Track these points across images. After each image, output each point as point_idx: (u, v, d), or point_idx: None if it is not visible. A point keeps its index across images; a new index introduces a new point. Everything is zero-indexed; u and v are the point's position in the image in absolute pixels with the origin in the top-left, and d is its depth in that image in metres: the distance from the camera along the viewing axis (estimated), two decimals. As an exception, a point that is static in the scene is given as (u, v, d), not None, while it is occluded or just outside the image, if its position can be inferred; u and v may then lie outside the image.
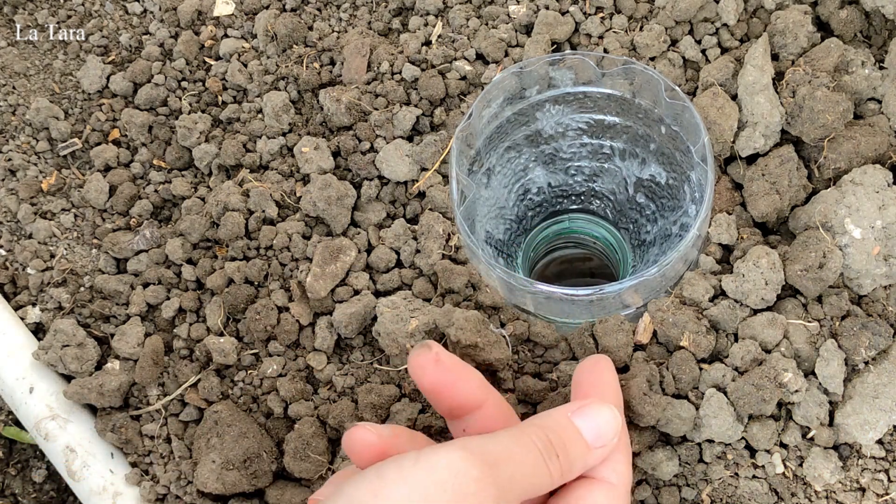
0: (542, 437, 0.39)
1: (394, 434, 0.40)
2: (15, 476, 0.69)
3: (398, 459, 0.35)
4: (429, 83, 0.61)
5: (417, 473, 0.34)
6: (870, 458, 0.51)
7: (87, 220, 0.65)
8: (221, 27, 0.69)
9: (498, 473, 0.36)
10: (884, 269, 0.52)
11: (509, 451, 0.37)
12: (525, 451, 0.38)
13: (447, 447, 0.35)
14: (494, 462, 0.36)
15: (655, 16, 0.62)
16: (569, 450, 0.39)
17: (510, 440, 0.38)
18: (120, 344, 0.58)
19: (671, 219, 0.58)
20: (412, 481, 0.34)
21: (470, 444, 0.36)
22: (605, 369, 0.45)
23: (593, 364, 0.45)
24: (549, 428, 0.39)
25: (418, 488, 0.34)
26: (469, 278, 0.54)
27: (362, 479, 0.35)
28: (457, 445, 0.36)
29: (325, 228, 0.59)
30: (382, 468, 0.35)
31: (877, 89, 0.57)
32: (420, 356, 0.40)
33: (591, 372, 0.45)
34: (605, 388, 0.44)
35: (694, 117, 0.51)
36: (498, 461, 0.36)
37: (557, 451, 0.39)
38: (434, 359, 0.40)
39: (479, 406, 0.42)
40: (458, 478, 0.34)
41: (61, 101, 0.69)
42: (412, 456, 0.35)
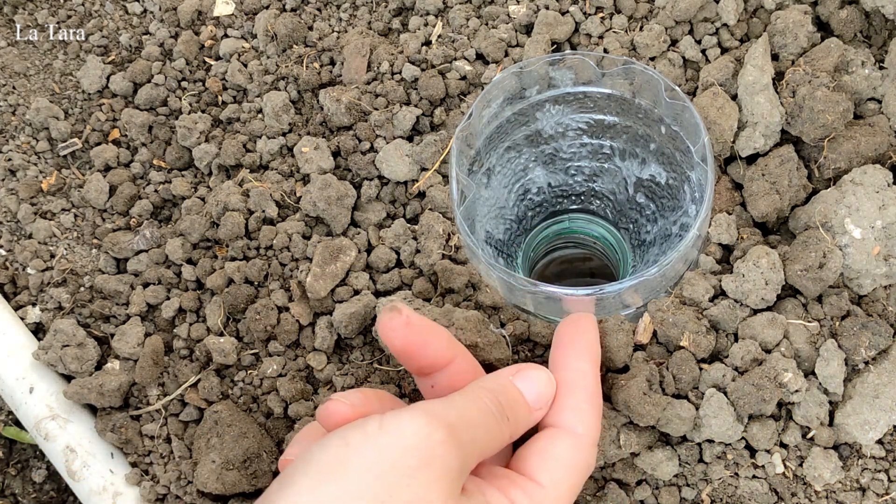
0: (493, 400, 0.40)
1: (364, 400, 0.41)
2: (15, 476, 0.69)
3: (362, 424, 0.36)
4: (429, 83, 0.61)
5: (383, 438, 0.35)
6: (870, 458, 0.51)
7: (87, 220, 0.65)
8: (221, 27, 0.69)
9: (460, 435, 0.37)
10: (884, 269, 0.52)
11: (468, 414, 0.38)
12: (481, 413, 0.39)
13: (410, 412, 0.36)
14: (455, 425, 0.37)
15: (655, 16, 0.62)
16: (517, 412, 0.41)
17: (467, 403, 0.39)
18: (120, 344, 0.58)
19: (671, 219, 0.58)
20: (379, 446, 0.35)
21: (431, 408, 0.37)
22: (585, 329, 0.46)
23: (573, 322, 0.46)
24: (497, 391, 0.41)
25: (386, 453, 0.35)
26: (469, 278, 0.54)
27: (328, 444, 0.36)
28: (419, 410, 0.37)
29: (325, 228, 0.59)
30: (347, 433, 0.36)
31: (877, 89, 0.57)
32: (391, 320, 0.41)
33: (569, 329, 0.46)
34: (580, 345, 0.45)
35: (694, 117, 0.51)
36: (458, 424, 0.37)
37: (507, 414, 0.40)
38: (405, 322, 0.41)
39: (447, 363, 0.43)
40: (424, 441, 0.35)
41: (61, 101, 0.69)
42: (375, 420, 0.36)
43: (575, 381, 0.44)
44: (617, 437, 0.49)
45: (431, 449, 0.35)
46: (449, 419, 0.37)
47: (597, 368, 0.45)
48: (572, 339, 0.45)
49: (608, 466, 0.51)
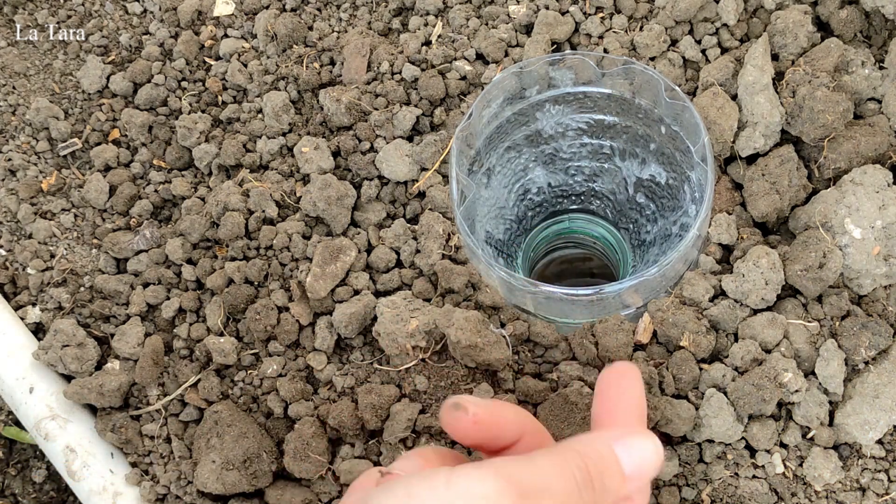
0: (581, 467, 0.37)
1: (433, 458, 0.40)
2: (15, 476, 0.69)
3: (430, 477, 0.34)
4: (429, 83, 0.61)
5: (450, 495, 0.33)
6: (870, 457, 0.51)
7: (87, 220, 0.65)
8: (221, 27, 0.69)
9: (532, 499, 0.34)
10: (884, 269, 0.52)
11: (546, 482, 0.36)
12: (562, 481, 0.36)
13: (483, 470, 0.34)
14: (529, 493, 0.34)
15: (655, 16, 0.62)
16: (605, 481, 0.38)
17: (549, 468, 0.36)
18: (120, 344, 0.58)
19: (671, 219, 0.58)
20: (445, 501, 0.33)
21: (506, 470, 0.35)
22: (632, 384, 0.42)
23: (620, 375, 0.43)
24: (589, 456, 0.38)
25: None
26: (469, 278, 0.54)
27: (392, 493, 0.34)
28: (493, 470, 0.34)
29: (325, 228, 0.59)
30: (412, 485, 0.34)
31: (877, 89, 0.57)
32: (458, 421, 0.39)
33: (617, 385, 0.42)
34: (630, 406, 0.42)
35: (694, 117, 0.51)
36: (533, 493, 0.35)
37: (594, 482, 0.37)
38: (472, 422, 0.38)
39: (516, 442, 0.41)
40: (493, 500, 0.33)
41: (61, 101, 0.69)
42: (443, 474, 0.34)
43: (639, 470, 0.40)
44: (617, 437, 0.49)
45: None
46: (523, 486, 0.34)
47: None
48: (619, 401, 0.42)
49: (608, 466, 0.51)
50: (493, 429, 0.39)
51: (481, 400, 0.39)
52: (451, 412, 0.38)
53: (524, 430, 0.41)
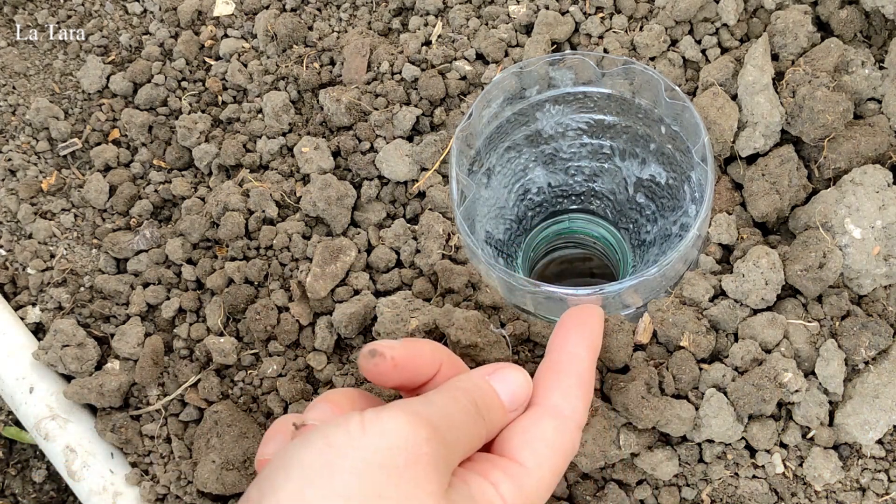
0: (470, 399, 0.39)
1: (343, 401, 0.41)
2: (15, 476, 0.69)
3: (344, 423, 0.35)
4: (429, 83, 0.61)
5: (367, 439, 0.34)
6: (870, 458, 0.51)
7: (87, 220, 0.65)
8: (221, 27, 0.69)
9: (443, 433, 0.36)
10: (884, 269, 0.52)
11: (448, 413, 0.38)
12: (460, 412, 0.38)
13: (390, 411, 0.36)
14: (438, 423, 0.36)
15: (655, 16, 0.62)
16: (491, 411, 0.40)
17: (446, 402, 0.38)
18: (120, 344, 0.58)
19: (671, 219, 0.58)
20: (363, 446, 0.34)
21: (411, 408, 0.36)
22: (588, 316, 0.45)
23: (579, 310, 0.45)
24: (472, 390, 0.40)
25: (371, 453, 0.34)
26: (469, 278, 0.54)
27: (310, 444, 0.35)
28: (399, 409, 0.36)
29: (325, 228, 0.59)
30: (329, 433, 0.35)
31: (877, 89, 0.57)
32: (378, 366, 0.40)
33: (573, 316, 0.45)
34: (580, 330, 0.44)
35: (694, 117, 0.51)
36: (441, 422, 0.37)
37: (483, 413, 0.39)
38: (392, 365, 0.40)
39: (435, 374, 0.43)
40: (409, 440, 0.35)
41: (61, 101, 0.69)
42: (356, 419, 0.35)
43: (567, 364, 0.43)
44: (617, 437, 0.49)
45: (417, 447, 0.35)
46: (431, 418, 0.36)
47: (593, 356, 0.44)
48: (574, 325, 0.44)
49: (608, 466, 0.51)
50: (412, 368, 0.41)
51: (396, 342, 0.41)
52: (369, 359, 0.40)
53: (441, 363, 0.42)
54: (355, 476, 0.33)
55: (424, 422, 0.36)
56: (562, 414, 0.41)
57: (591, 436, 0.48)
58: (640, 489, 0.51)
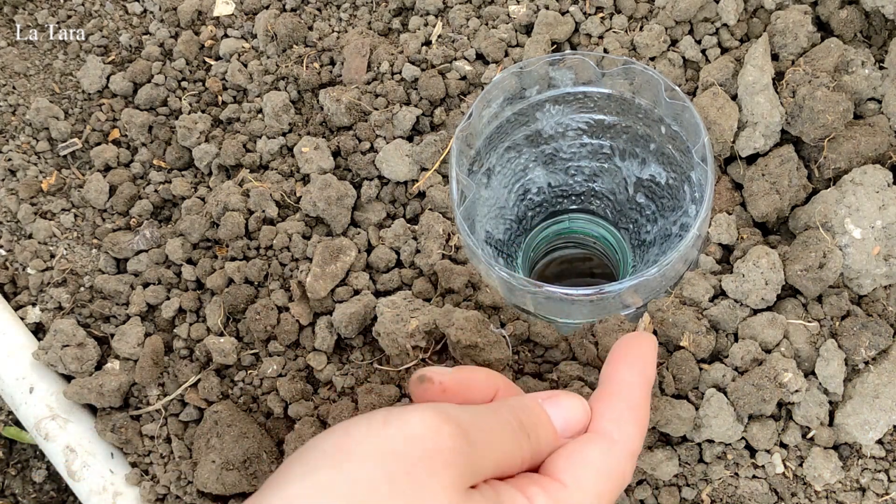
0: (514, 416, 0.38)
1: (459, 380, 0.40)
2: (15, 476, 0.69)
3: (368, 417, 0.34)
4: (429, 83, 0.61)
5: (387, 429, 0.33)
6: (870, 458, 0.51)
7: (87, 220, 0.65)
8: (221, 27, 0.69)
9: (471, 435, 0.35)
10: (884, 269, 0.52)
11: (483, 420, 0.36)
12: (498, 423, 0.37)
13: (419, 408, 0.34)
14: (468, 426, 0.35)
15: (655, 16, 0.62)
16: (539, 432, 0.38)
17: (485, 413, 0.37)
18: (120, 344, 0.58)
19: (671, 219, 0.58)
20: (381, 436, 0.33)
21: (443, 407, 0.35)
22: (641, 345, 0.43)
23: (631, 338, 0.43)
24: (519, 409, 0.39)
25: (388, 442, 0.33)
26: (469, 278, 0.54)
27: (329, 434, 0.34)
28: (429, 406, 0.35)
29: (325, 228, 0.59)
30: (350, 425, 0.34)
31: (877, 89, 0.57)
32: (427, 392, 0.39)
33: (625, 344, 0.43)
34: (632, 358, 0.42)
35: (694, 117, 0.51)
36: (471, 426, 0.35)
37: (528, 432, 0.38)
38: (440, 390, 0.39)
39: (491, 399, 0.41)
40: (430, 433, 0.33)
41: (61, 101, 0.69)
42: (381, 413, 0.34)
43: (619, 391, 0.41)
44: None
45: (438, 441, 0.33)
46: (462, 420, 0.35)
47: (646, 384, 0.42)
48: (625, 353, 0.42)
49: (608, 466, 0.51)
50: (462, 394, 0.40)
51: (447, 369, 0.40)
52: (418, 384, 0.39)
53: (496, 389, 0.42)
54: (368, 461, 0.32)
55: (452, 420, 0.34)
56: (610, 438, 0.39)
57: (591, 436, 0.48)
58: (640, 489, 0.51)
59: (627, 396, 0.41)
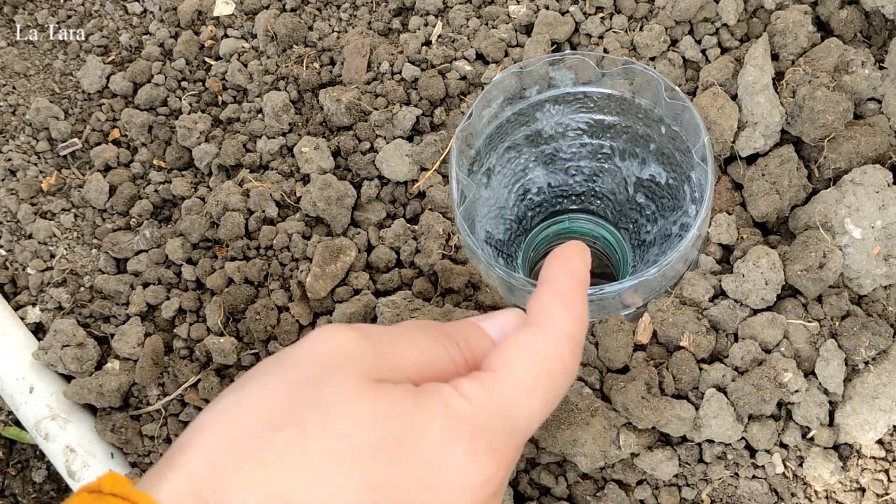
0: (438, 328, 0.36)
1: None
2: (15, 476, 0.69)
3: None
4: (429, 83, 0.61)
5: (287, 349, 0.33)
6: (870, 458, 0.51)
7: (87, 220, 0.65)
8: (221, 27, 0.69)
9: (381, 339, 0.33)
10: (884, 269, 0.52)
11: (397, 329, 0.35)
12: (417, 331, 0.35)
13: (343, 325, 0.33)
14: (378, 333, 0.33)
15: (655, 16, 0.62)
16: (470, 341, 0.36)
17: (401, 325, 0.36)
18: (120, 344, 0.58)
19: (671, 219, 0.58)
20: (284, 354, 0.33)
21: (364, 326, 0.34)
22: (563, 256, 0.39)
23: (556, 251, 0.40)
24: (446, 324, 0.37)
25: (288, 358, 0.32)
26: (469, 278, 0.54)
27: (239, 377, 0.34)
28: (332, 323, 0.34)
29: (325, 228, 0.59)
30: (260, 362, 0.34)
31: (877, 89, 0.57)
32: None
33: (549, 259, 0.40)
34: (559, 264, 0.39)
35: (694, 117, 0.50)
36: (382, 333, 0.34)
37: (457, 340, 0.36)
38: None
39: None
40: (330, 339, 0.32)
41: (61, 101, 0.69)
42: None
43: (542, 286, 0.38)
44: (617, 437, 0.49)
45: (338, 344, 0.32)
46: (369, 329, 0.33)
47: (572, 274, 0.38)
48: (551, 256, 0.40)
49: (608, 466, 0.51)
50: None
51: None
52: None
53: None
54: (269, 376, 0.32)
55: (355, 328, 0.33)
56: (534, 323, 0.36)
57: (591, 436, 0.48)
58: (640, 489, 0.51)
59: (549, 288, 0.38)
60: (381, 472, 0.30)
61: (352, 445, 0.29)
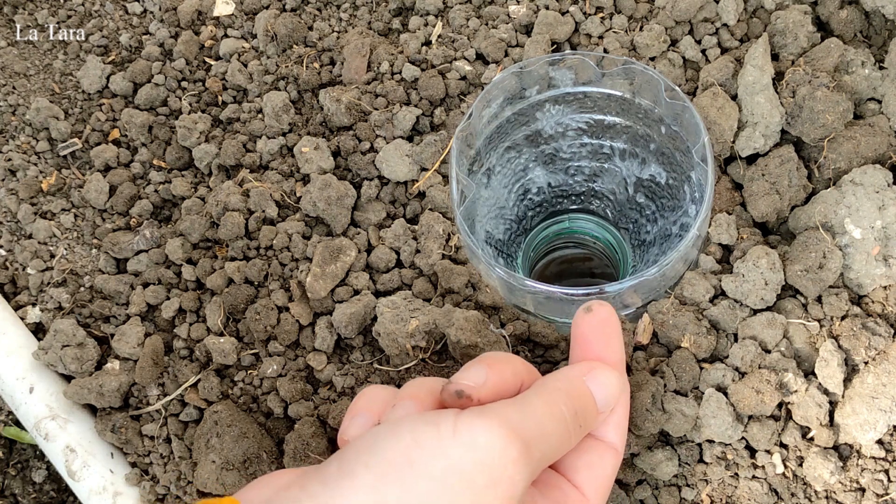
0: (570, 408, 0.39)
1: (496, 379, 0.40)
2: (15, 476, 0.69)
3: (436, 422, 0.34)
4: (429, 83, 0.61)
5: (457, 449, 0.34)
6: (869, 458, 0.51)
7: (87, 220, 0.65)
8: (221, 27, 0.69)
9: (533, 452, 0.36)
10: (884, 269, 0.52)
11: (544, 427, 0.37)
12: (556, 422, 0.38)
13: (486, 419, 0.35)
14: (530, 441, 0.36)
15: (655, 16, 0.62)
16: (587, 418, 0.40)
17: (544, 411, 0.38)
18: (120, 344, 0.58)
19: (671, 219, 0.58)
20: (450, 455, 0.33)
21: (508, 419, 0.36)
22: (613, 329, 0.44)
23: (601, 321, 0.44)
24: (573, 396, 0.40)
25: (458, 464, 0.33)
26: (469, 278, 0.54)
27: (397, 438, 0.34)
28: (496, 420, 0.35)
29: (325, 228, 0.59)
30: (419, 430, 0.34)
31: (877, 89, 0.57)
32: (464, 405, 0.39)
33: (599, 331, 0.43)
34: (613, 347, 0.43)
35: (694, 117, 0.51)
36: (533, 439, 0.36)
37: (580, 422, 0.39)
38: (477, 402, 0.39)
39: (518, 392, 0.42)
40: (497, 459, 0.34)
41: (61, 101, 0.69)
42: (450, 421, 0.34)
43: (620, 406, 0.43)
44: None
45: (503, 469, 0.34)
46: (525, 433, 0.36)
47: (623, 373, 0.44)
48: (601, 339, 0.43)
49: (608, 466, 0.51)
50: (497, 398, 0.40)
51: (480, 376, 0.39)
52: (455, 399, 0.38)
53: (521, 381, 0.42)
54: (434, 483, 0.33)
55: (518, 438, 0.35)
56: (617, 451, 0.42)
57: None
58: (639, 489, 0.51)
59: (624, 403, 0.43)
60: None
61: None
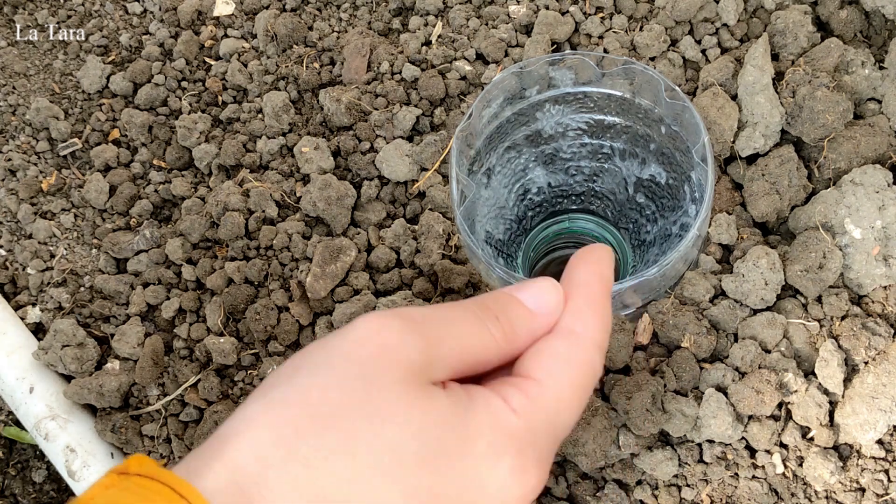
0: (477, 303, 0.36)
1: None
2: (15, 476, 0.69)
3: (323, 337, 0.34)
4: (429, 83, 0.61)
5: (335, 339, 0.33)
6: (869, 458, 0.51)
7: (87, 220, 0.65)
8: (221, 27, 0.69)
9: (422, 328, 0.33)
10: (884, 269, 0.52)
11: (439, 312, 0.35)
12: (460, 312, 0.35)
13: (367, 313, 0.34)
14: (421, 320, 0.34)
15: (655, 16, 0.62)
16: (509, 314, 0.37)
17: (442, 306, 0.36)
18: (120, 344, 0.58)
19: (671, 219, 0.58)
20: (329, 345, 0.33)
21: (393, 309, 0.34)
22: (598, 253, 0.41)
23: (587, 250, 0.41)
24: (484, 297, 0.37)
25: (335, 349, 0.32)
26: (469, 278, 0.54)
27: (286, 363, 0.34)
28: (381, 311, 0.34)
29: (325, 228, 0.59)
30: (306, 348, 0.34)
31: (877, 89, 0.57)
32: None
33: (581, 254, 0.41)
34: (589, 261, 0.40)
35: (694, 117, 0.50)
36: (425, 319, 0.34)
37: (497, 314, 0.36)
38: None
39: None
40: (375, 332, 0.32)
41: (61, 101, 0.69)
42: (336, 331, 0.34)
43: (575, 290, 0.39)
44: (617, 437, 0.49)
45: (383, 337, 0.32)
46: (412, 315, 0.33)
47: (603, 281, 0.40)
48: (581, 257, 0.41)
49: (608, 466, 0.51)
50: None
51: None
52: None
53: None
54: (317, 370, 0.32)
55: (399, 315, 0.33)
56: (573, 332, 0.38)
57: (592, 436, 0.48)
58: (639, 489, 0.51)
59: (584, 293, 0.39)
60: (425, 482, 0.31)
61: (398, 454, 0.30)
